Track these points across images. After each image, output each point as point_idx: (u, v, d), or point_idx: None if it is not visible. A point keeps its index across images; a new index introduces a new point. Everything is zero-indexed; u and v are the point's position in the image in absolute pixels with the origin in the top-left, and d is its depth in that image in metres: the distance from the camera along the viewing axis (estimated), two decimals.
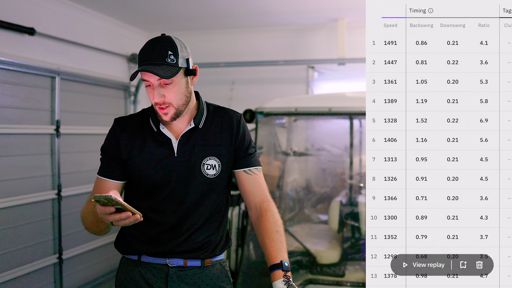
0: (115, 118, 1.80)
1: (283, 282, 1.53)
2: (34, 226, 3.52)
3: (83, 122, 4.14)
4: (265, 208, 1.74)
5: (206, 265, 1.75)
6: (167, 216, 1.71)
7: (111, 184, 1.73)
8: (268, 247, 1.64)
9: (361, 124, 3.58)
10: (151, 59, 1.60)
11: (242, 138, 1.77)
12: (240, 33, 5.01)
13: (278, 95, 4.05)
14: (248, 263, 3.46)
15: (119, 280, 1.80)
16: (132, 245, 1.75)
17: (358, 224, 3.30)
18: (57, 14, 3.85)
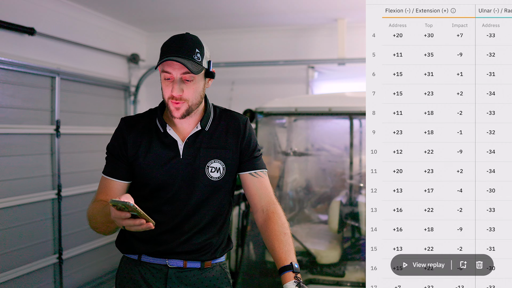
0: (122, 118, 1.80)
1: (294, 283, 1.53)
2: (34, 226, 3.52)
3: (83, 122, 4.14)
4: (272, 210, 1.74)
5: (205, 267, 1.75)
6: (169, 217, 1.71)
7: (117, 184, 1.72)
8: (277, 249, 1.63)
9: (361, 124, 3.58)
10: (179, 52, 1.59)
11: (248, 142, 1.78)
12: (240, 33, 5.01)
13: (278, 95, 4.05)
14: (248, 263, 3.46)
15: (119, 279, 1.80)
16: (133, 244, 1.75)
17: (358, 224, 3.30)
18: (57, 14, 3.84)
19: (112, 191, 1.71)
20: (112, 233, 1.69)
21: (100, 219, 1.63)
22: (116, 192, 1.72)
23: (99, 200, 1.70)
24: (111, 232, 1.67)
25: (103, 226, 1.65)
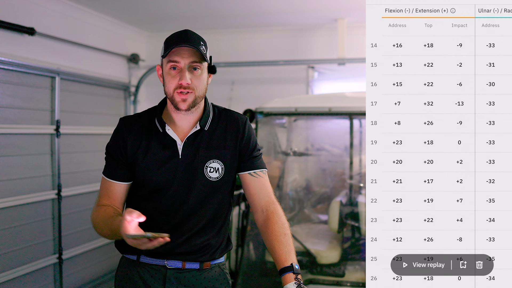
0: (121, 118, 1.79)
1: (294, 284, 1.52)
2: (34, 226, 3.52)
3: (83, 122, 4.14)
4: (272, 210, 1.73)
5: (204, 268, 1.75)
6: (169, 217, 1.71)
7: (118, 186, 1.73)
8: (277, 250, 1.63)
9: (361, 124, 3.57)
10: (187, 41, 1.61)
11: (247, 142, 1.77)
12: (240, 33, 5.01)
13: (278, 95, 4.05)
14: (248, 263, 3.46)
15: (118, 279, 1.80)
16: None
17: (358, 224, 3.30)
18: (57, 14, 3.85)
19: (114, 193, 1.71)
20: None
21: (107, 232, 1.65)
22: (117, 193, 1.73)
23: (102, 205, 1.70)
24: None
25: (109, 236, 1.67)
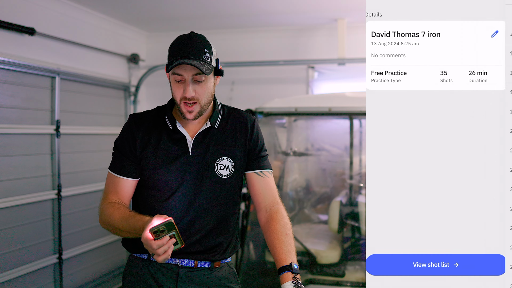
0: (131, 114, 1.80)
1: (292, 284, 1.53)
2: (34, 226, 3.52)
3: (83, 122, 4.14)
4: (275, 210, 1.74)
5: (215, 267, 1.76)
6: (179, 215, 1.70)
7: (126, 182, 1.72)
8: (277, 249, 1.64)
9: (361, 124, 3.58)
10: (189, 53, 1.60)
11: (256, 141, 1.78)
12: (240, 33, 5.01)
13: (278, 95, 4.05)
14: (248, 263, 3.47)
15: (128, 278, 1.79)
16: (142, 243, 1.74)
17: (358, 224, 3.30)
18: (57, 14, 3.85)
19: (122, 189, 1.71)
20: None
21: (127, 230, 1.60)
22: (126, 190, 1.72)
23: (113, 202, 1.69)
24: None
25: (128, 234, 1.63)
